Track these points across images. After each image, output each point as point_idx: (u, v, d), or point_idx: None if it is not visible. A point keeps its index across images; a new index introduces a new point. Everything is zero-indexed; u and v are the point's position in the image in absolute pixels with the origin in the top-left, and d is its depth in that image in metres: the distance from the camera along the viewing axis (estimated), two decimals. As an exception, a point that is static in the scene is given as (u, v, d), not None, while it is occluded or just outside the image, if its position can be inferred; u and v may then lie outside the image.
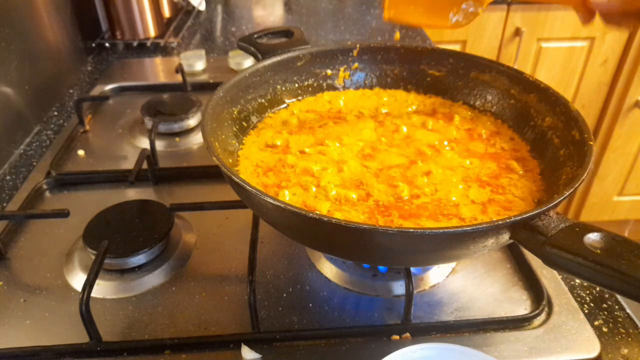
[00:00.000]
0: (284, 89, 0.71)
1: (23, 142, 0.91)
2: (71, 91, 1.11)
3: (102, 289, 0.60)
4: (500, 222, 0.41)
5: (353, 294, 0.59)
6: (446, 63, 0.72)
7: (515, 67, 0.67)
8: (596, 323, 0.56)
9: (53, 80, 1.06)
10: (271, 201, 0.44)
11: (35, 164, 0.85)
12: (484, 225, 0.41)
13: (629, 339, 0.54)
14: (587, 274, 0.37)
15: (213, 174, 0.79)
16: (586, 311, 0.57)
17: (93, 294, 0.55)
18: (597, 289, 0.60)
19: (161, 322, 0.56)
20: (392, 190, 0.55)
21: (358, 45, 0.74)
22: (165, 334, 0.55)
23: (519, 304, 0.58)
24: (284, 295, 0.59)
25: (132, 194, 0.77)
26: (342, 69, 0.75)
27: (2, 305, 0.59)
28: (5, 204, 0.75)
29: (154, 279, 0.61)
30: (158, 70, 1.22)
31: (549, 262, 0.40)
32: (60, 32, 1.11)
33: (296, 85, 0.73)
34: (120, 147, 0.89)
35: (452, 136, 0.65)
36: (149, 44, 1.31)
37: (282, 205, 0.44)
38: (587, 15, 0.53)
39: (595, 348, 0.53)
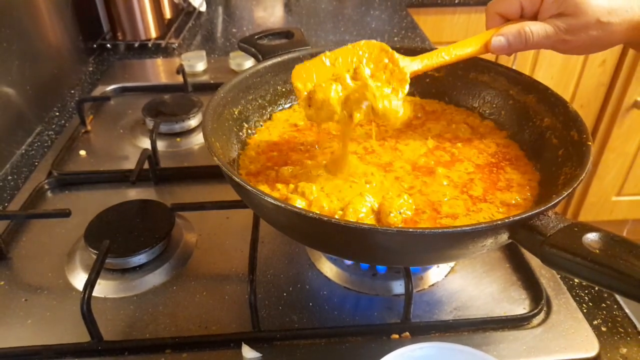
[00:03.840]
0: (284, 89, 0.71)
1: (24, 143, 0.92)
2: (72, 92, 1.11)
3: (103, 289, 0.60)
4: (499, 222, 0.41)
5: (353, 293, 0.60)
6: (445, 64, 0.72)
7: (514, 67, 0.68)
8: (595, 322, 0.56)
9: (54, 81, 1.06)
10: (271, 201, 0.44)
11: (36, 164, 0.85)
12: (483, 225, 0.42)
13: (628, 339, 0.55)
14: (585, 274, 0.38)
15: (214, 174, 0.79)
16: (585, 311, 0.58)
17: (94, 294, 0.55)
18: (596, 288, 0.61)
19: (162, 322, 0.57)
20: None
21: (358, 46, 0.74)
22: (166, 333, 0.55)
23: (518, 304, 0.58)
24: (284, 294, 0.60)
25: (134, 193, 0.77)
26: (342, 69, 0.75)
27: (4, 304, 0.59)
28: (6, 204, 0.76)
29: (155, 279, 0.62)
30: (159, 71, 1.23)
31: (548, 261, 0.40)
32: (61, 32, 1.12)
33: (296, 85, 0.73)
34: (121, 148, 0.89)
35: (451, 140, 0.65)
36: (150, 44, 1.32)
37: (282, 205, 0.44)
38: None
39: (594, 347, 0.53)
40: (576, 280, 0.62)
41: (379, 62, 0.57)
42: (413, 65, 0.58)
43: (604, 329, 0.56)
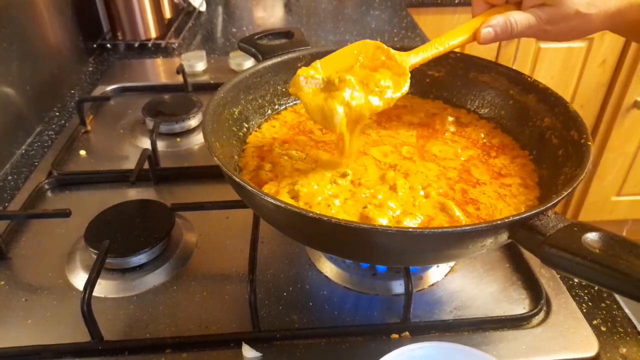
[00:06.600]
0: (284, 89, 0.71)
1: (25, 142, 0.92)
2: (72, 91, 1.11)
3: (103, 288, 0.60)
4: (499, 222, 0.41)
5: (353, 293, 0.60)
6: (445, 64, 0.72)
7: (514, 67, 0.68)
8: (594, 322, 0.56)
9: (54, 81, 1.06)
10: (271, 201, 0.44)
11: (36, 164, 0.85)
12: (483, 225, 0.42)
13: (627, 338, 0.55)
14: (585, 274, 0.38)
15: (214, 174, 0.79)
16: (584, 310, 0.58)
17: (94, 293, 0.55)
18: (596, 288, 0.61)
19: (162, 321, 0.57)
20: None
21: (358, 46, 0.74)
22: (166, 333, 0.55)
23: (518, 303, 0.58)
24: (284, 294, 0.60)
25: (133, 193, 0.77)
26: (342, 69, 0.75)
27: (4, 304, 0.59)
28: (7, 204, 0.76)
29: (155, 279, 0.62)
30: (159, 70, 1.23)
31: (548, 261, 0.40)
32: (61, 32, 1.12)
33: (296, 85, 0.73)
34: (121, 147, 0.89)
35: (455, 142, 0.66)
36: (150, 44, 1.32)
37: (282, 205, 0.44)
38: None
39: (593, 347, 0.53)
40: (576, 280, 0.62)
41: (376, 60, 0.57)
42: (410, 59, 0.59)
43: (603, 328, 0.56)
